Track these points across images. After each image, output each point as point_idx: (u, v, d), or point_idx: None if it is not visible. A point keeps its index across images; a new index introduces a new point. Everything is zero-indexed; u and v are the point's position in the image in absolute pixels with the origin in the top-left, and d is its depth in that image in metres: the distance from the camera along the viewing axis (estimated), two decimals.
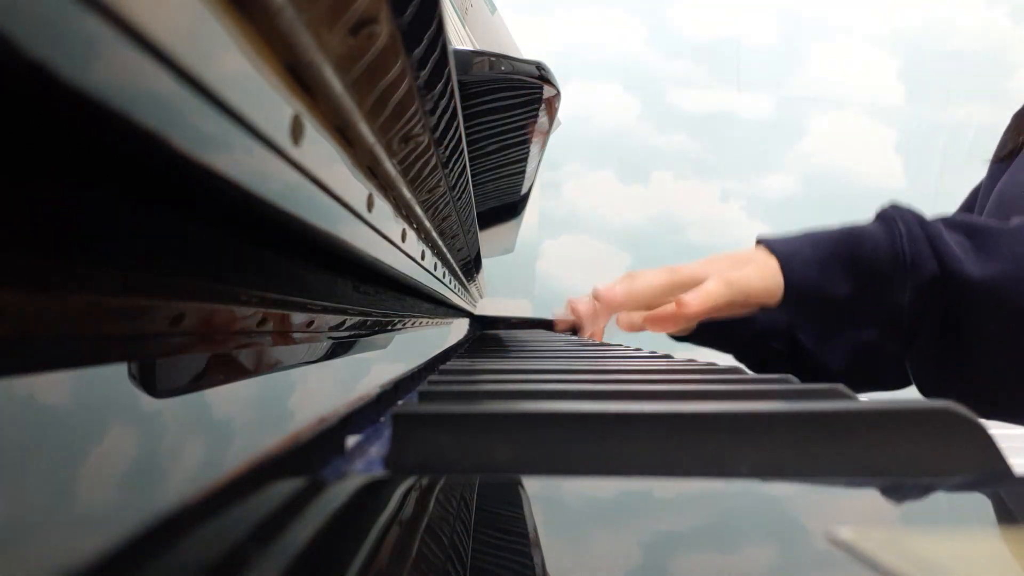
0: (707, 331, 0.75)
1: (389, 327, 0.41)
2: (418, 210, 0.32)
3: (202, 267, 0.16)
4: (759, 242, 0.69)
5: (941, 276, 0.61)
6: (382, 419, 0.29)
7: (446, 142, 0.30)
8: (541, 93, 0.54)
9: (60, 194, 0.11)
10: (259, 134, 0.13)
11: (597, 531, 0.16)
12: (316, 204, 0.18)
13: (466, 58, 0.47)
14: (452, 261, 0.53)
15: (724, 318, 0.67)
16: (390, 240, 0.27)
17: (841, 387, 0.28)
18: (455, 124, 0.30)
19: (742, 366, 0.43)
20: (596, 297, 0.70)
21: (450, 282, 0.56)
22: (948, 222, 0.65)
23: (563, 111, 0.67)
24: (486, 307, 1.22)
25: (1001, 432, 0.22)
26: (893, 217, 0.65)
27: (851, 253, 0.64)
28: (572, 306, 0.85)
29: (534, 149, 0.68)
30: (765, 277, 0.64)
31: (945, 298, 0.62)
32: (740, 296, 0.64)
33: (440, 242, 0.42)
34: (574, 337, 1.06)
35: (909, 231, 0.63)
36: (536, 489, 0.18)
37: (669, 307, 0.66)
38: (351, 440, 0.24)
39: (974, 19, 1.92)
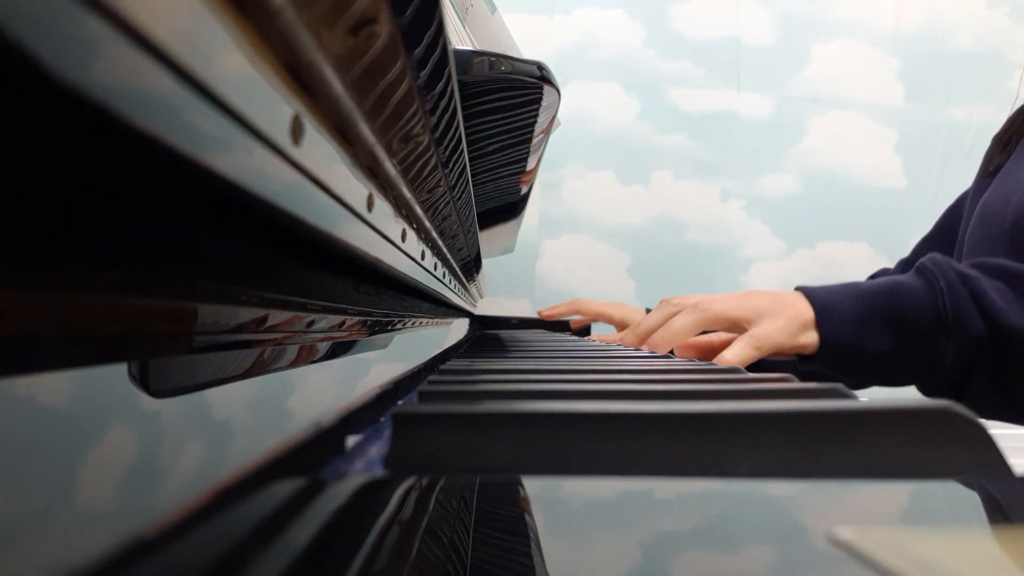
0: None
1: (389, 327, 0.41)
2: (418, 210, 0.32)
3: (202, 267, 0.16)
4: (798, 289, 0.69)
5: (988, 333, 0.61)
6: (382, 419, 0.29)
7: (446, 142, 0.30)
8: (541, 93, 0.54)
9: (60, 194, 0.11)
10: (259, 134, 0.13)
11: (597, 531, 0.16)
12: (316, 204, 0.18)
13: (466, 58, 0.47)
14: (452, 261, 0.53)
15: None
16: (390, 240, 0.27)
17: (841, 387, 0.28)
18: (455, 124, 0.30)
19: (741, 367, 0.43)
20: (646, 345, 0.72)
21: (450, 282, 0.56)
22: (985, 268, 0.65)
23: (563, 111, 0.67)
24: (486, 307, 1.22)
25: (1001, 432, 0.22)
26: (933, 272, 0.64)
27: (891, 310, 0.64)
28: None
29: (534, 149, 0.68)
30: (794, 333, 0.65)
31: (995, 351, 0.62)
32: (769, 354, 0.65)
33: (440, 242, 0.42)
34: (573, 337, 1.06)
35: (951, 287, 0.63)
36: (536, 489, 0.18)
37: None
38: (351, 440, 0.23)
39: (974, 19, 1.92)
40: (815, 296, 0.67)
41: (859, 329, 0.64)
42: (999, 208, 0.79)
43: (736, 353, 0.64)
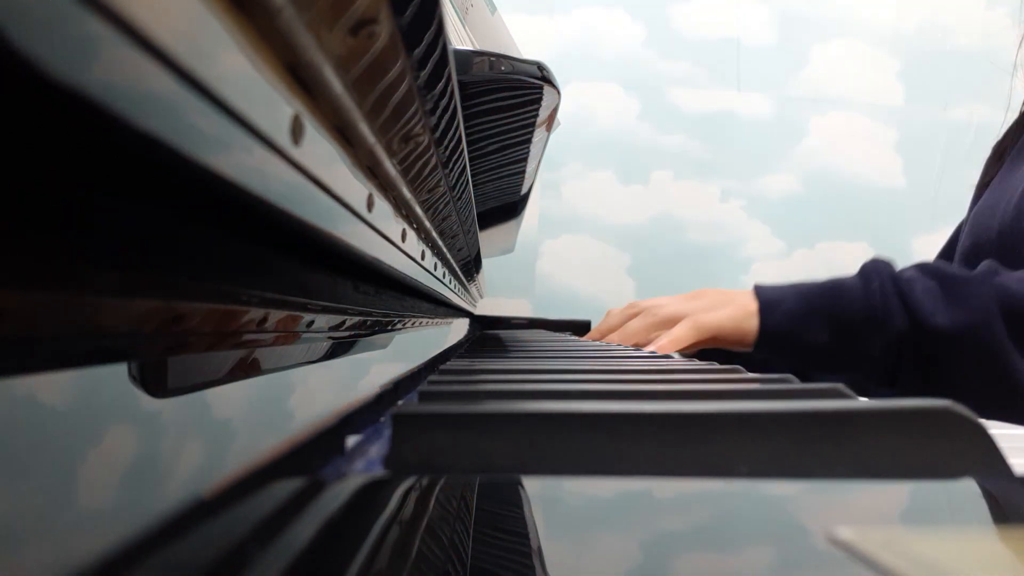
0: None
1: (389, 327, 0.41)
2: (418, 210, 0.31)
3: (202, 267, 0.16)
4: (755, 288, 0.75)
5: (911, 329, 0.67)
6: (382, 419, 0.29)
7: (446, 142, 0.30)
8: (541, 93, 0.54)
9: (60, 194, 0.11)
10: (259, 134, 0.13)
11: (597, 531, 0.16)
12: (316, 204, 0.18)
13: (466, 58, 0.47)
14: (452, 261, 0.53)
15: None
16: (390, 240, 0.27)
17: (841, 387, 0.28)
18: (455, 124, 0.30)
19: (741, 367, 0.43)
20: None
21: (450, 282, 0.56)
22: (924, 269, 0.70)
23: (563, 111, 0.67)
24: (486, 307, 1.22)
25: (1001, 432, 0.22)
26: (871, 273, 0.71)
27: (829, 307, 0.71)
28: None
29: (534, 149, 0.68)
30: (739, 320, 0.71)
31: (921, 347, 0.67)
32: (707, 336, 0.71)
33: (440, 242, 0.42)
34: (573, 337, 1.06)
35: (882, 287, 0.69)
36: (536, 489, 0.18)
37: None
38: (351, 440, 0.23)
39: (974, 19, 1.92)
40: (763, 292, 0.73)
41: (798, 322, 0.71)
42: (987, 218, 0.81)
43: (673, 334, 0.70)
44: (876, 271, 0.71)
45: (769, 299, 0.72)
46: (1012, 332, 0.64)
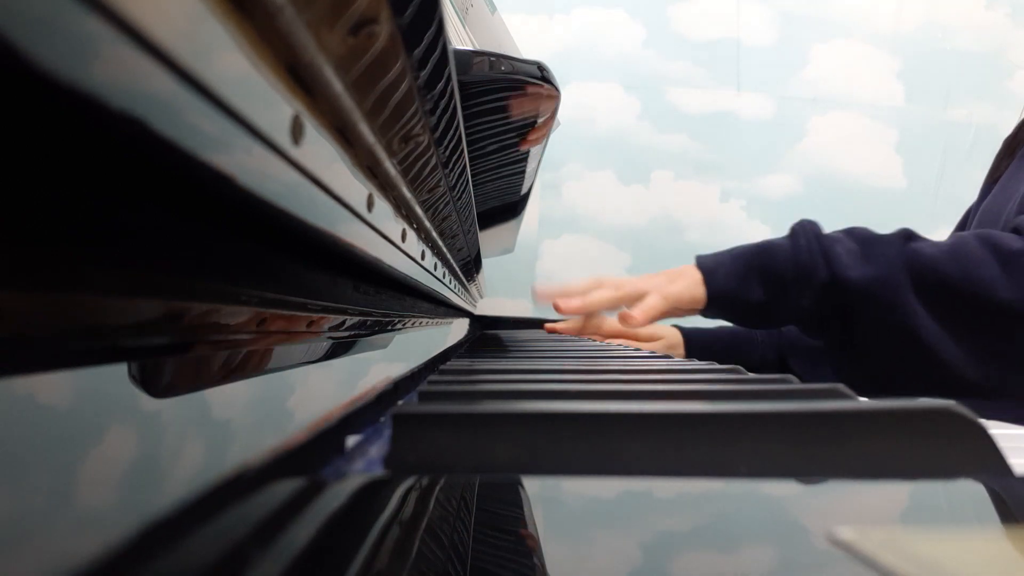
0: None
1: (389, 327, 0.41)
2: (418, 210, 0.31)
3: (202, 267, 0.16)
4: (696, 259, 0.83)
5: (830, 280, 0.74)
6: (382, 419, 0.29)
7: (446, 142, 0.30)
8: (541, 93, 0.54)
9: (60, 194, 0.11)
10: (259, 134, 0.13)
11: (597, 531, 0.16)
12: (316, 204, 0.18)
13: (466, 58, 0.47)
14: (452, 261, 0.53)
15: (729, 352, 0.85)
16: (390, 240, 0.27)
17: (841, 387, 0.28)
18: (455, 124, 0.30)
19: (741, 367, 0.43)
20: (556, 307, 0.83)
21: (450, 282, 0.56)
22: (849, 231, 0.78)
23: (563, 111, 0.67)
24: (486, 307, 1.22)
25: (1001, 432, 0.22)
26: (797, 232, 0.79)
27: (762, 264, 0.78)
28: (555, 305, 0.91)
29: (534, 149, 0.68)
30: (691, 288, 0.80)
31: (839, 298, 0.74)
32: (672, 306, 0.80)
33: (440, 242, 0.42)
34: (572, 337, 1.06)
35: (808, 243, 0.77)
36: (536, 489, 0.18)
37: (615, 323, 0.84)
38: (351, 440, 0.24)
39: (974, 19, 1.92)
40: (703, 260, 0.82)
41: (738, 281, 0.79)
42: (995, 217, 0.85)
43: (648, 302, 0.79)
44: (803, 231, 0.78)
45: (708, 266, 0.81)
46: (918, 289, 0.72)
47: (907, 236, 0.75)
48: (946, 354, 0.71)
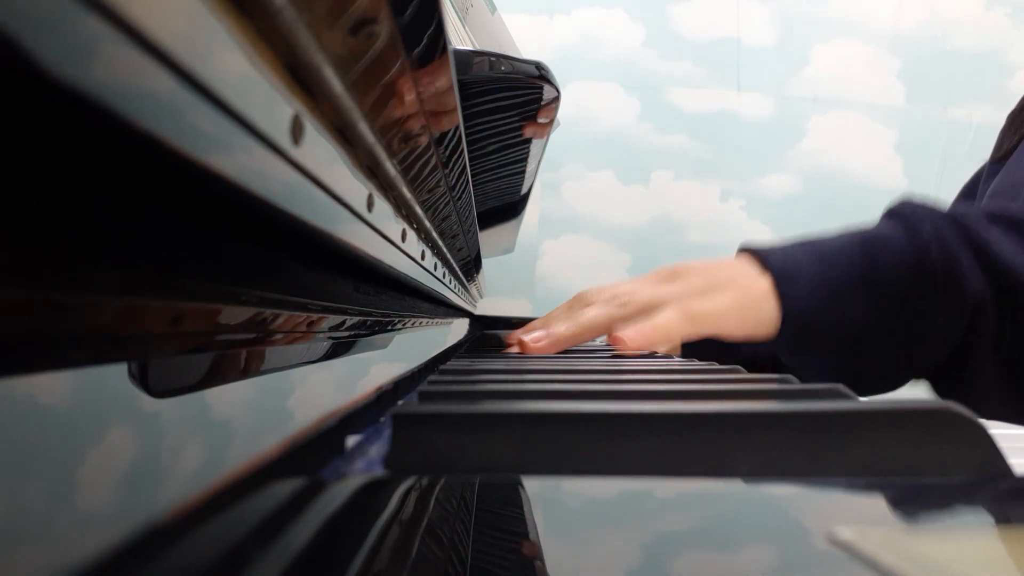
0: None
1: (389, 327, 0.41)
2: (418, 210, 0.31)
3: (202, 267, 0.16)
4: (745, 251, 0.52)
5: (992, 291, 0.47)
6: (382, 419, 0.29)
7: (446, 142, 0.30)
8: (541, 93, 0.54)
9: (60, 194, 0.11)
10: (259, 134, 0.13)
11: (597, 531, 0.16)
12: (316, 204, 0.18)
13: (466, 58, 0.47)
14: (452, 261, 0.53)
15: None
16: (390, 240, 0.27)
17: (841, 387, 0.28)
18: (455, 124, 0.30)
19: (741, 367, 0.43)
20: (531, 343, 0.55)
21: (450, 282, 0.56)
22: (989, 214, 0.50)
23: (563, 111, 0.67)
24: (486, 307, 1.22)
25: (1001, 432, 0.22)
26: (911, 218, 0.50)
27: (865, 270, 0.49)
28: (521, 344, 0.61)
29: (534, 149, 0.68)
30: (746, 308, 0.48)
31: (1002, 316, 0.48)
32: (704, 334, 0.49)
33: (440, 242, 0.42)
34: None
35: (940, 240, 0.48)
36: (536, 489, 0.18)
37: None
38: (351, 440, 0.23)
39: (974, 19, 1.92)
40: (772, 258, 0.49)
41: (835, 296, 0.48)
42: (1009, 194, 0.66)
43: (658, 321, 0.48)
44: (921, 216, 0.49)
45: (783, 269, 0.49)
46: None
47: None
48: None
